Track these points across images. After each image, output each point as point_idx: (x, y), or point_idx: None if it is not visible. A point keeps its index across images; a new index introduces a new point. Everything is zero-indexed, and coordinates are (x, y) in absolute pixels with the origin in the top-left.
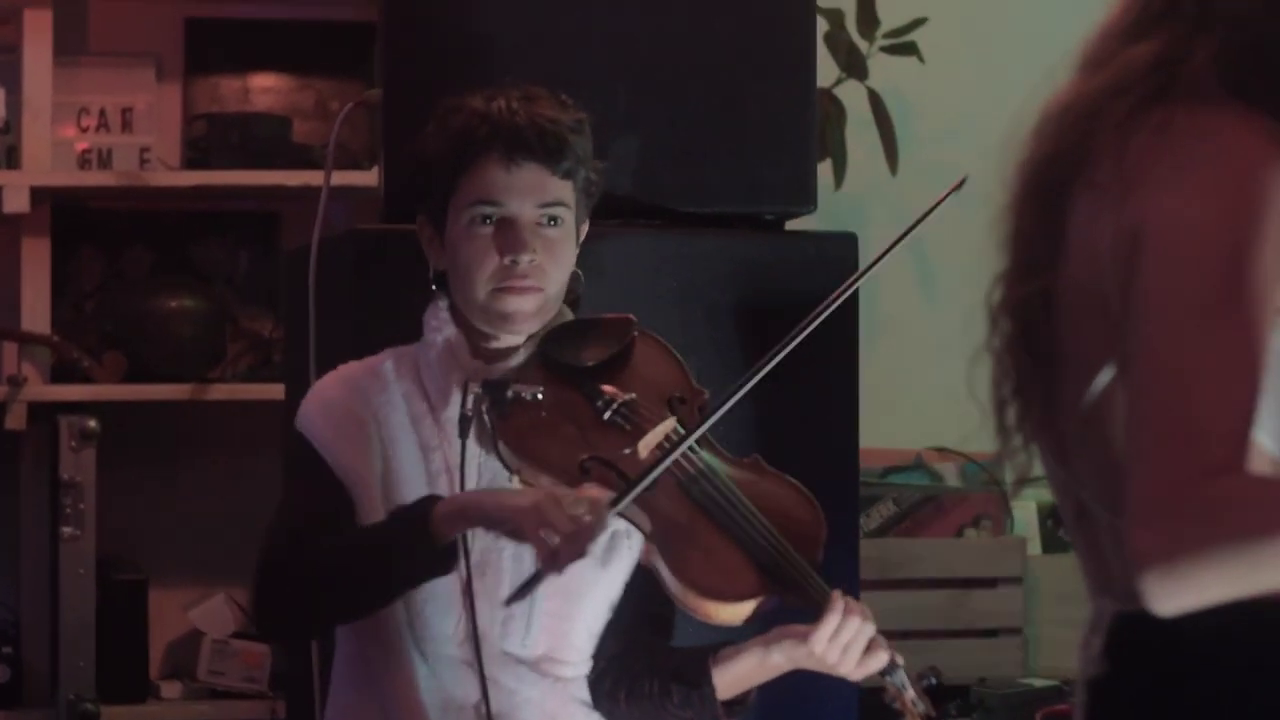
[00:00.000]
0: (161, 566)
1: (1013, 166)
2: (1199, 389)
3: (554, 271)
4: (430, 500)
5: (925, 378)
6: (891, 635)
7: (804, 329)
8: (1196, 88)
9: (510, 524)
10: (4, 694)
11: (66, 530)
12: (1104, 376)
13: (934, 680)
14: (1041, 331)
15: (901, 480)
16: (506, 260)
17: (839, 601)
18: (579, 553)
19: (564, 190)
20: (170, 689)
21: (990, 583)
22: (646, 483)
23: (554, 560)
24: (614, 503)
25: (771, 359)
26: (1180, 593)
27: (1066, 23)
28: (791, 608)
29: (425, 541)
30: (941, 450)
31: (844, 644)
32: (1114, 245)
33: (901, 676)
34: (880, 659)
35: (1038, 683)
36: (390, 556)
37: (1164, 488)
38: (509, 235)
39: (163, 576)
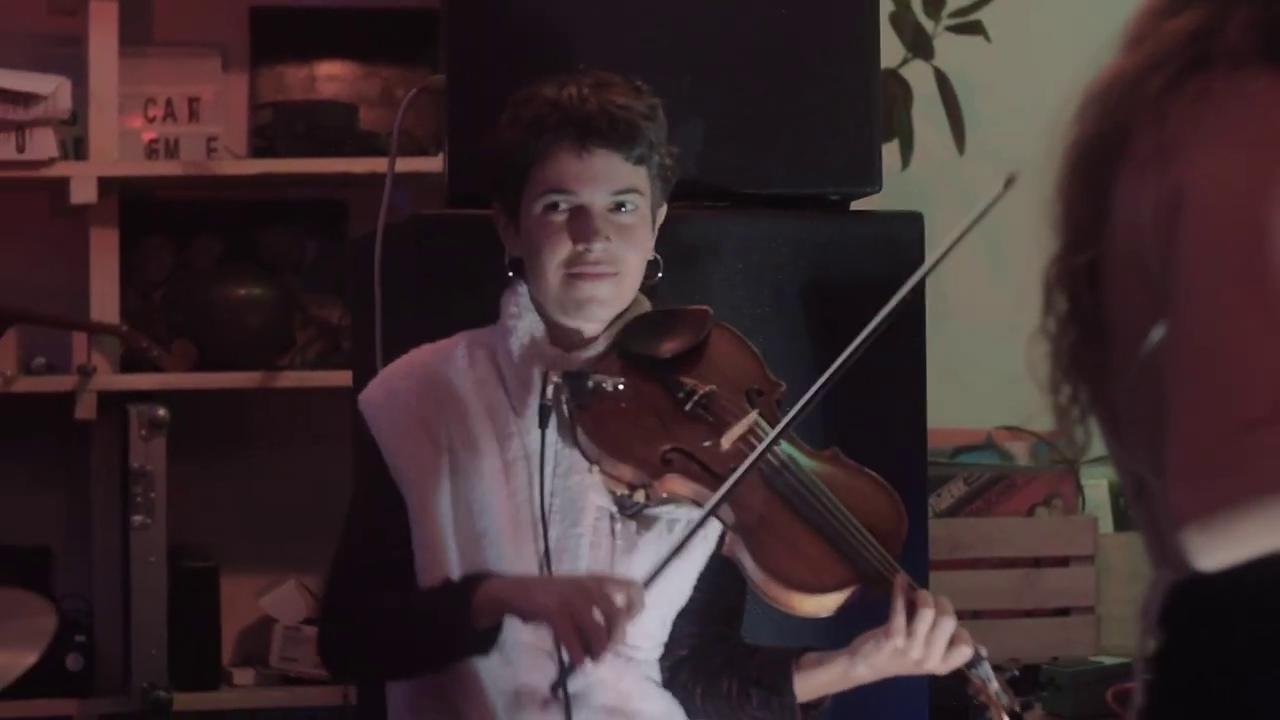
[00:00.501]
0: (232, 554)
1: (1060, 148)
2: (1236, 346)
3: (629, 256)
4: (475, 581)
5: (995, 357)
6: (963, 615)
7: (874, 328)
8: (1234, 56)
9: (540, 618)
10: (77, 682)
11: (137, 519)
12: (1150, 344)
13: (1015, 673)
14: (1090, 305)
15: (972, 460)
16: (579, 247)
17: (902, 590)
18: (612, 642)
19: (637, 177)
20: (243, 676)
21: (1062, 561)
22: (708, 510)
23: (586, 655)
24: (648, 582)
25: (845, 360)
26: (1222, 546)
27: (1131, 2)
28: (873, 600)
29: (467, 623)
30: (1012, 429)
31: (923, 636)
32: (1155, 211)
33: (986, 669)
34: (964, 653)
35: (1109, 661)
36: (435, 633)
37: (1201, 442)
38: (581, 222)
39: (233, 564)
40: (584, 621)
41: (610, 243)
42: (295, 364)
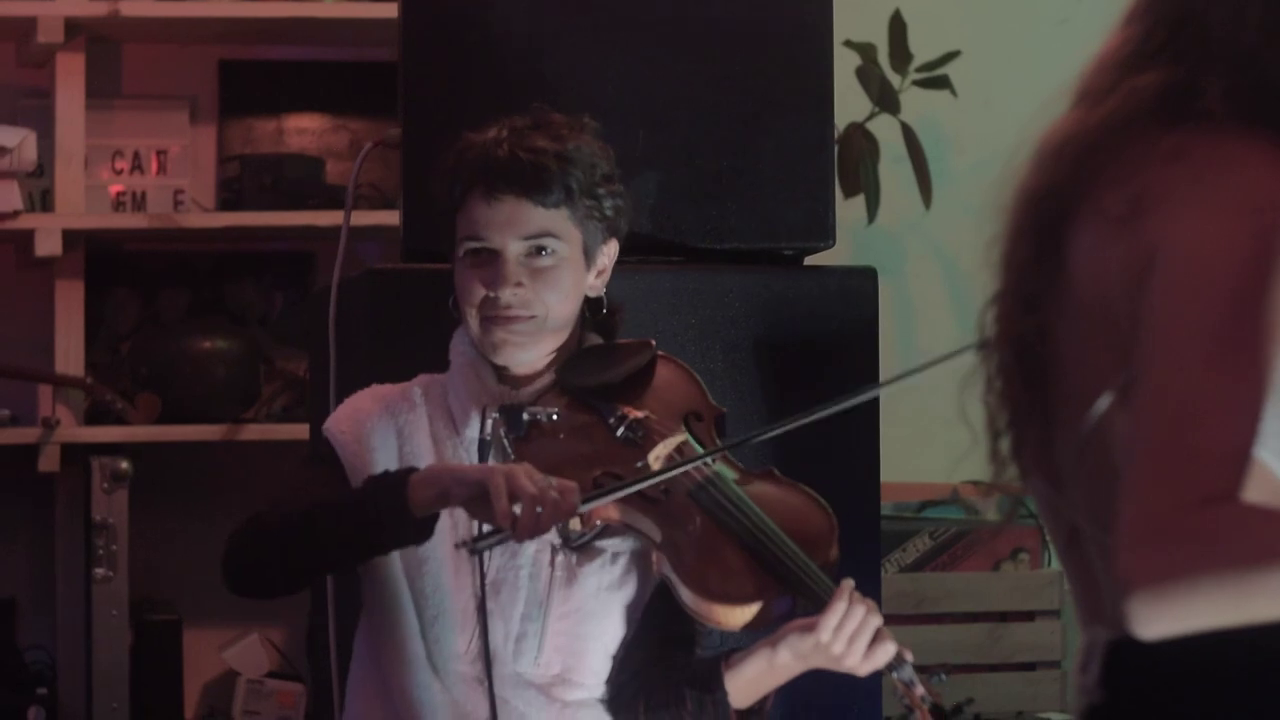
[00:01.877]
0: (195, 607)
1: (1009, 196)
2: (1199, 415)
3: (550, 298)
4: (408, 470)
5: (961, 410)
6: (929, 669)
7: (824, 411)
8: (1210, 117)
9: (479, 484)
10: None
11: (99, 571)
12: (1106, 400)
13: (943, 677)
14: (1039, 362)
15: (937, 514)
16: (490, 294)
17: (845, 591)
18: (542, 525)
19: (552, 220)
20: None
21: (1028, 616)
22: (625, 491)
23: (516, 526)
24: (588, 498)
25: (789, 425)
26: (1166, 618)
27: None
28: (804, 611)
29: (399, 506)
30: (978, 484)
31: (849, 633)
32: (1125, 268)
33: (909, 671)
34: (887, 650)
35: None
36: (363, 516)
37: (1157, 511)
38: (490, 269)
39: (197, 617)
40: (522, 487)
41: (523, 288)
42: (260, 417)
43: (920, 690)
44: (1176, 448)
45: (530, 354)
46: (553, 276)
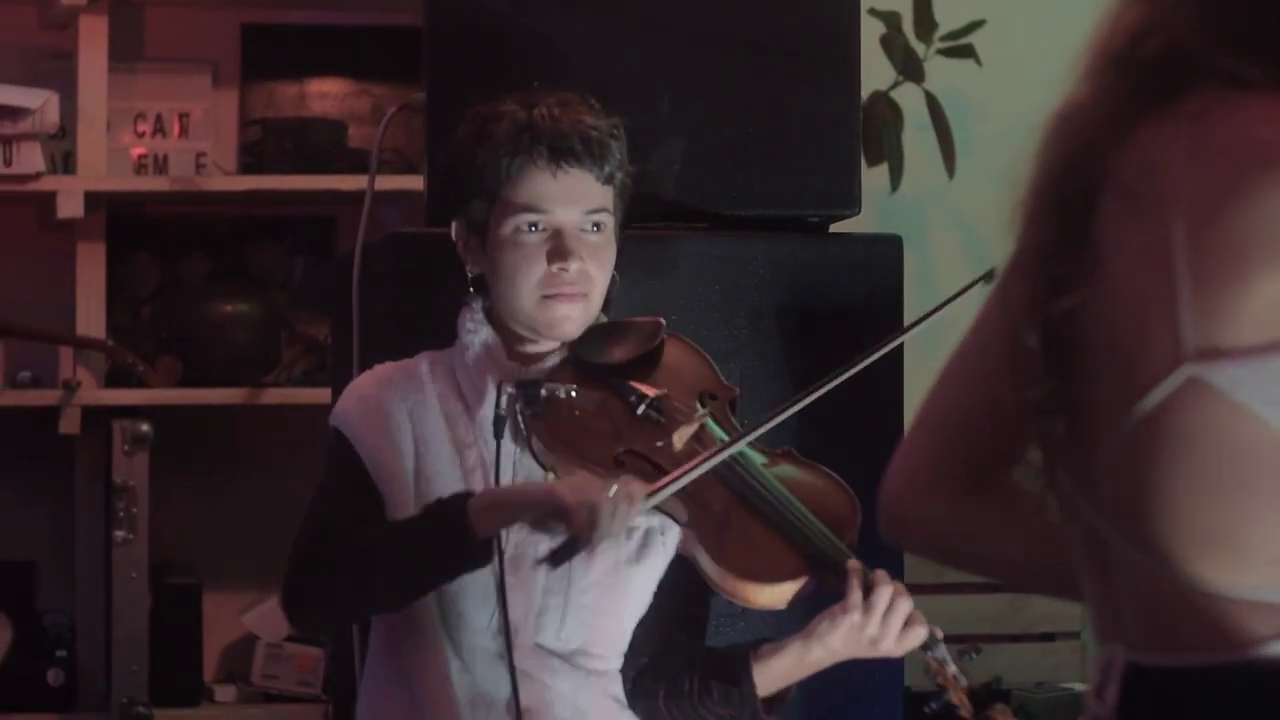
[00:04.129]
0: (215, 571)
1: (1027, 175)
2: None
3: (599, 277)
4: (465, 495)
5: None
6: (948, 640)
7: (847, 370)
8: (1221, 75)
9: (549, 503)
10: (58, 697)
11: (119, 534)
12: (1155, 396)
13: (974, 655)
14: (1069, 349)
15: None
16: (554, 268)
17: (855, 571)
18: (614, 530)
19: (607, 196)
20: (224, 693)
21: None
22: (685, 480)
23: (589, 531)
24: (650, 494)
25: (813, 392)
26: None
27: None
28: (831, 591)
29: (462, 534)
30: None
31: (880, 614)
32: (1145, 248)
33: (943, 651)
34: (919, 633)
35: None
36: (426, 549)
37: None
38: (557, 243)
39: (216, 581)
40: (593, 494)
41: (583, 263)
42: (281, 381)
43: (953, 669)
44: None
45: (578, 331)
46: (603, 253)
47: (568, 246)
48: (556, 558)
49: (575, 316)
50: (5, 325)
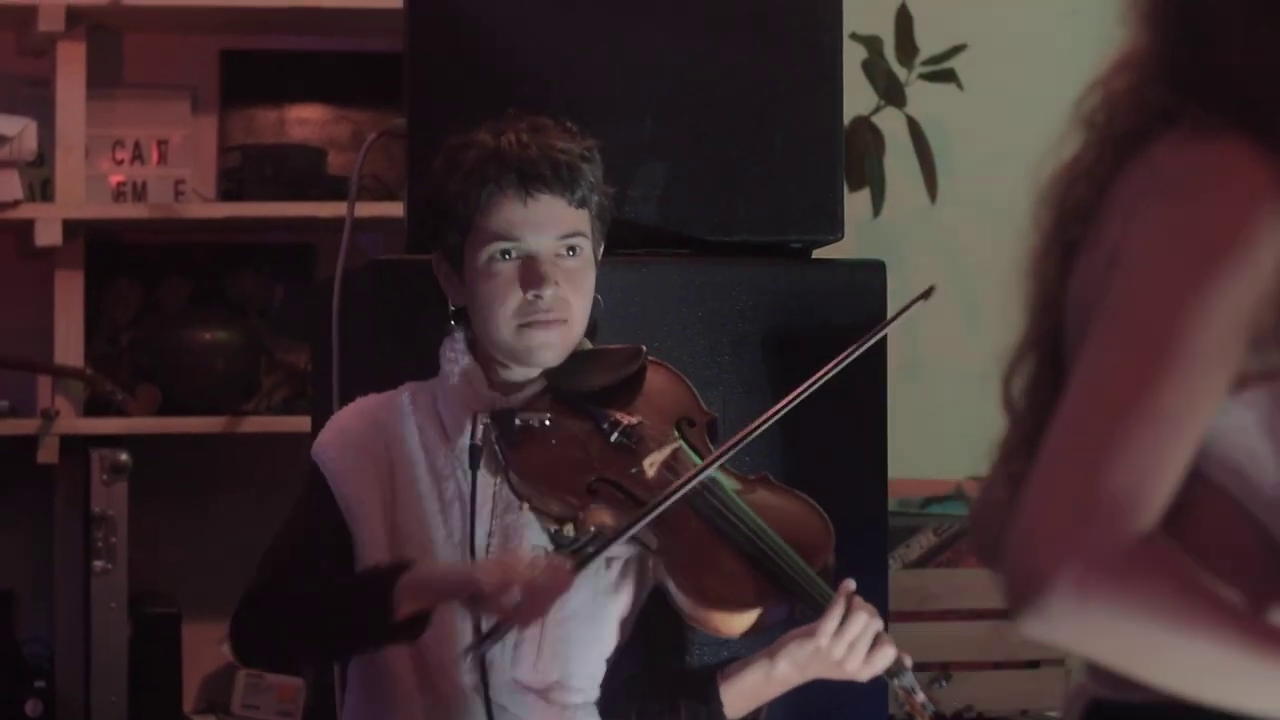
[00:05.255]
0: (195, 600)
1: (1041, 209)
2: (1125, 437)
3: (577, 301)
4: (399, 569)
5: (965, 406)
6: (932, 667)
7: (815, 381)
8: (1195, 121)
9: (470, 586)
10: None
11: (98, 564)
12: None
13: (944, 683)
14: (1053, 371)
15: (941, 510)
16: (529, 295)
17: (844, 594)
18: (540, 610)
19: (580, 220)
20: None
21: None
22: (612, 543)
23: (516, 616)
24: (578, 565)
25: (782, 409)
26: (1073, 626)
27: (1106, 50)
28: (802, 617)
29: (383, 613)
30: (982, 479)
31: (850, 639)
32: (1098, 271)
33: (910, 678)
34: (887, 655)
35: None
36: (352, 618)
37: (1085, 521)
38: (530, 270)
39: (196, 610)
40: (515, 577)
41: (559, 288)
42: (260, 409)
43: (921, 697)
44: (1098, 465)
45: (558, 358)
46: (580, 278)
47: (541, 272)
48: (483, 644)
49: (554, 344)
50: None
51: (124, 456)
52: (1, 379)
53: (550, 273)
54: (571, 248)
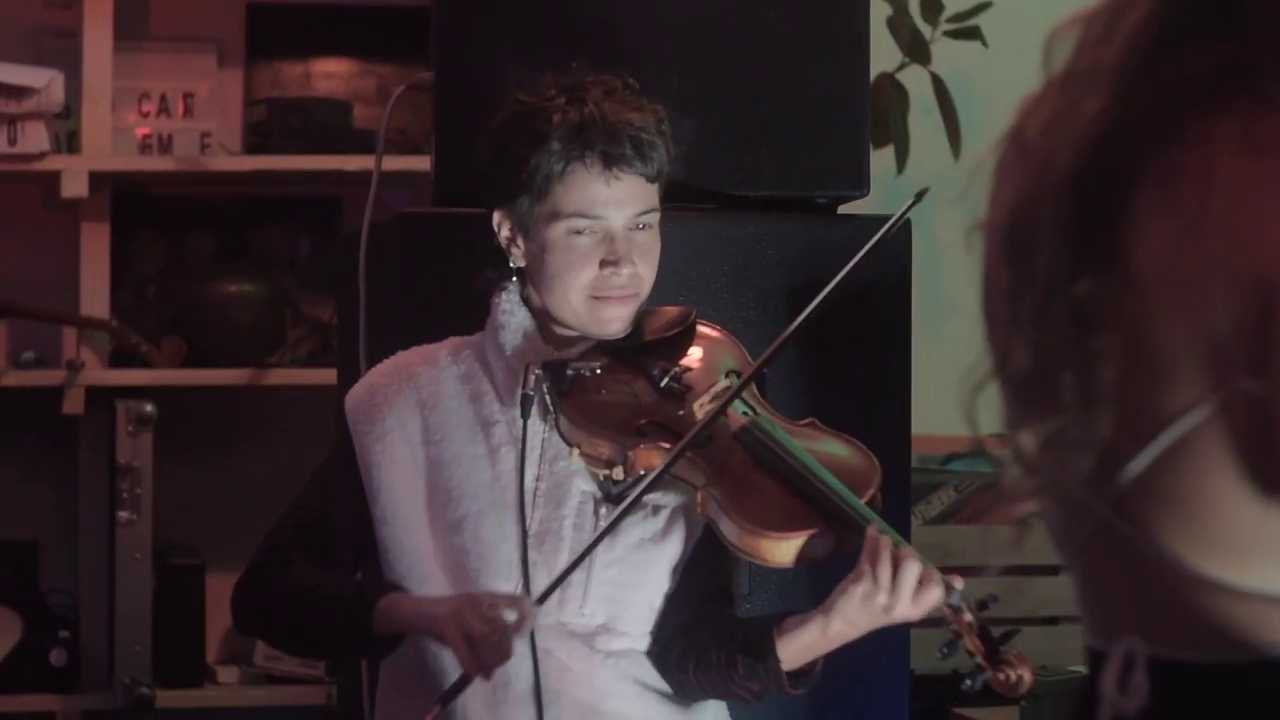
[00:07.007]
0: (218, 551)
1: (1020, 185)
2: None
3: (647, 275)
4: (383, 589)
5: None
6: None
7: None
8: (1270, 99)
9: (433, 631)
10: (61, 678)
11: (123, 515)
12: (1193, 417)
13: (990, 603)
14: (1099, 338)
15: (963, 466)
16: (606, 271)
17: (881, 540)
18: (502, 655)
19: (654, 195)
20: (227, 674)
21: (1052, 570)
22: (675, 458)
23: (476, 666)
24: (541, 599)
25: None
26: None
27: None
28: (851, 552)
29: (364, 627)
30: (1004, 436)
31: (889, 581)
32: (1208, 270)
33: (957, 598)
34: (934, 594)
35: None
36: (337, 626)
37: None
38: (609, 247)
39: (220, 561)
40: (473, 631)
41: (634, 266)
42: (285, 361)
43: (969, 616)
44: None
45: (626, 330)
46: (651, 251)
47: (619, 251)
48: (445, 699)
49: (625, 316)
50: (9, 305)
51: (149, 408)
52: (27, 330)
53: (627, 250)
54: (645, 224)
